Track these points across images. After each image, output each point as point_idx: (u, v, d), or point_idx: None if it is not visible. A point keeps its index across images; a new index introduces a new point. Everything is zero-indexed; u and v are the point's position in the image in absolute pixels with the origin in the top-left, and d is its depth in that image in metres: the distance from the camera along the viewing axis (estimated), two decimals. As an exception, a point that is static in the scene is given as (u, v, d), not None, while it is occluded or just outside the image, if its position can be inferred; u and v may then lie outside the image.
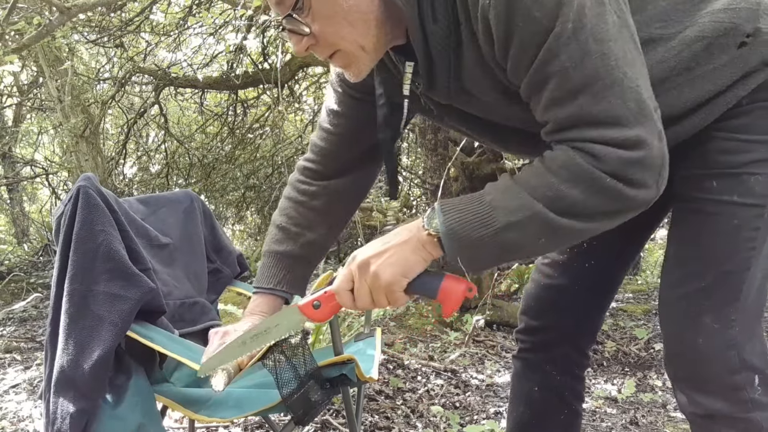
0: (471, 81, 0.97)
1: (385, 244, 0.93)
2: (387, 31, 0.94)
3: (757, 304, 1.04)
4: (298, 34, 0.93)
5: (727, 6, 0.96)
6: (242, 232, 8.32)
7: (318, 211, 1.26)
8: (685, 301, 1.04)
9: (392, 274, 0.91)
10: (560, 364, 1.33)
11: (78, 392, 1.10)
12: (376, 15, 0.91)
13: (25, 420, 2.39)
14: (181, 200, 1.68)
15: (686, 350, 1.04)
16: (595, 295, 1.31)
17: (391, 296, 0.93)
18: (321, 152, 1.25)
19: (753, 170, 0.98)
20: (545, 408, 1.34)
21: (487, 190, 0.90)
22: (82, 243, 1.17)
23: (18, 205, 8.51)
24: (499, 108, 1.01)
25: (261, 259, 1.30)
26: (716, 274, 1.01)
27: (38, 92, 6.89)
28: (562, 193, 0.84)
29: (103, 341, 1.12)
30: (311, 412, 1.17)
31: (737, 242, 1.00)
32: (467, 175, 4.00)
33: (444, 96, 1.02)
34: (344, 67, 0.98)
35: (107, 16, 5.08)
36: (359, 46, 0.93)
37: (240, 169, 6.52)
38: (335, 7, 0.90)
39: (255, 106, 6.20)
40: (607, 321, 4.18)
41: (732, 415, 1.02)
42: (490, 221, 0.87)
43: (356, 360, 1.19)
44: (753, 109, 0.96)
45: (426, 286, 0.94)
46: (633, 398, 2.76)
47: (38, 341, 3.57)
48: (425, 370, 3.00)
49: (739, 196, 0.99)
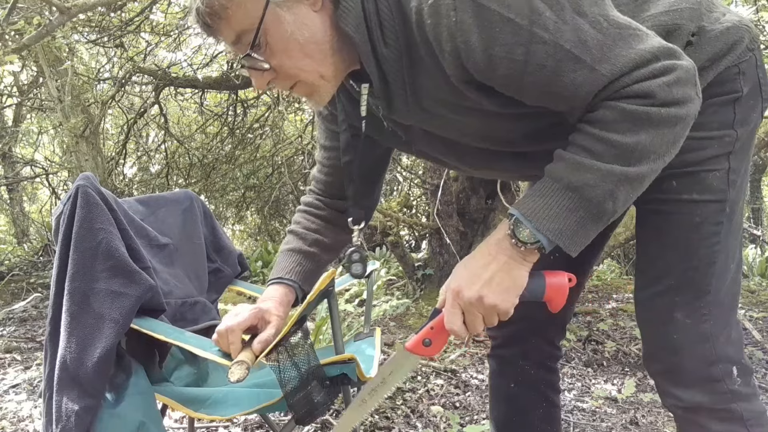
0: (427, 99, 0.99)
1: (486, 270, 0.92)
2: (344, 57, 0.97)
3: (730, 296, 1.06)
4: (258, 70, 0.96)
5: (668, 8, 0.98)
6: (242, 232, 8.32)
7: (324, 219, 1.33)
8: (657, 298, 1.07)
9: (509, 301, 0.92)
10: (532, 357, 1.35)
11: (82, 390, 1.10)
12: (331, 44, 0.94)
13: (25, 420, 2.39)
14: (181, 200, 1.69)
15: (663, 346, 1.07)
16: None
17: (505, 316, 0.94)
18: (320, 182, 1.34)
19: (710, 167, 1.01)
20: (524, 403, 1.37)
21: (556, 176, 0.89)
22: (81, 241, 1.17)
23: (18, 205, 8.51)
24: (460, 123, 1.02)
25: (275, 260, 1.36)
26: (683, 270, 1.04)
27: (38, 92, 6.89)
28: (629, 144, 0.85)
29: (105, 338, 1.12)
30: (314, 412, 1.17)
31: (700, 238, 1.02)
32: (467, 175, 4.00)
33: (404, 116, 1.04)
34: (307, 96, 1.01)
35: (107, 16, 5.08)
36: (319, 75, 0.96)
37: (240, 169, 6.52)
38: (291, 42, 0.92)
39: (255, 106, 6.20)
40: (607, 321, 4.18)
41: (713, 407, 1.04)
42: (581, 204, 0.87)
43: (357, 359, 1.20)
44: (705, 107, 0.96)
45: (532, 292, 0.95)
46: (633, 398, 2.76)
47: (38, 341, 3.57)
48: (425, 370, 3.00)
49: (698, 194, 1.02)
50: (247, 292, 1.79)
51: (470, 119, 1.00)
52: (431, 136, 1.10)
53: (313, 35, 0.93)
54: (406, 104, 1.00)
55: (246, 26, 0.91)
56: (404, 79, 0.97)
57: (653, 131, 0.85)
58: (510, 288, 0.92)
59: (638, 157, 0.86)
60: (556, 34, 0.84)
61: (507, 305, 0.92)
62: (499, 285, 0.91)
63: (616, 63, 0.84)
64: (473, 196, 4.08)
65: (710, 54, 0.99)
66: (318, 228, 1.33)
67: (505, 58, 0.85)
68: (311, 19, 0.92)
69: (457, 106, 0.98)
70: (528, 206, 0.89)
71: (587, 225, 0.89)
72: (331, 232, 1.33)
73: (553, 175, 0.89)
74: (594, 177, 0.86)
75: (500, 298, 0.91)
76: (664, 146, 0.87)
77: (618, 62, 0.84)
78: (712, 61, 0.99)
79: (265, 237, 7.38)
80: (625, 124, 0.85)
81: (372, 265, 1.79)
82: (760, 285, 6.18)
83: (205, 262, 1.69)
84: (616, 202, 0.88)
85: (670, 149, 0.88)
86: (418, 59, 0.94)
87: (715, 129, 1.01)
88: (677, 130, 0.87)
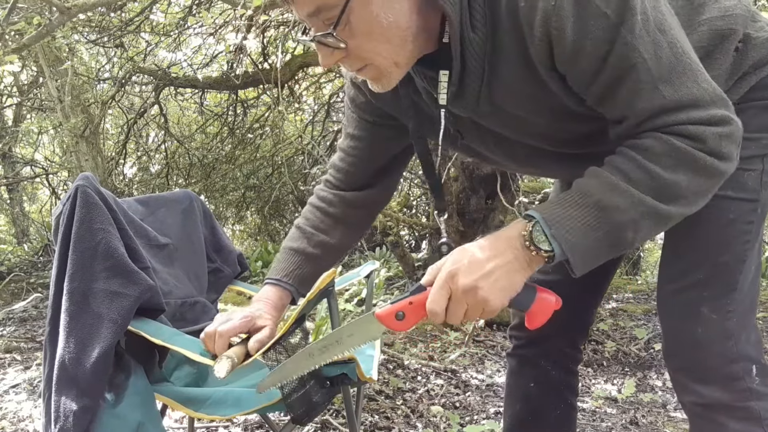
0: (501, 90, 0.96)
1: (489, 262, 0.88)
2: (419, 45, 0.93)
3: (751, 296, 1.07)
4: (329, 47, 0.91)
5: (724, 13, 0.99)
6: (242, 232, 8.32)
7: (334, 217, 1.30)
8: (684, 292, 1.07)
9: (501, 299, 0.89)
10: (554, 358, 1.35)
11: (80, 390, 1.10)
12: (412, 30, 0.91)
13: (25, 420, 2.39)
14: (180, 200, 1.69)
15: (685, 340, 1.07)
16: (587, 291, 1.33)
17: (490, 315, 0.91)
18: (341, 171, 1.29)
19: (746, 166, 1.01)
20: (541, 403, 1.37)
21: (587, 191, 0.88)
22: (80, 241, 1.17)
23: (18, 205, 8.51)
24: (522, 121, 1.01)
25: (277, 255, 1.33)
26: (713, 265, 1.04)
27: (38, 92, 6.89)
28: (668, 180, 0.85)
29: (104, 338, 1.12)
30: (312, 412, 1.17)
31: (733, 235, 1.03)
32: (467, 175, 3.99)
33: (470, 106, 1.01)
34: (373, 80, 0.98)
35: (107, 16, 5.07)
36: (394, 63, 0.93)
37: (240, 169, 6.51)
38: (375, 24, 0.88)
39: (255, 106, 6.20)
40: (607, 321, 4.17)
41: (731, 404, 1.04)
42: (603, 224, 0.86)
43: (357, 360, 1.19)
44: (745, 108, 0.99)
45: (520, 302, 0.92)
46: (633, 398, 2.76)
47: (38, 341, 3.57)
48: (425, 370, 3.00)
49: (734, 191, 1.02)
50: (246, 292, 1.79)
51: (537, 116, 0.99)
52: (484, 130, 1.07)
53: (397, 20, 0.88)
54: (477, 94, 0.98)
55: (332, 1, 0.86)
56: (484, 67, 0.94)
57: (692, 176, 0.86)
58: (506, 288, 0.89)
59: (672, 196, 0.86)
60: (638, 40, 0.84)
61: (497, 304, 0.89)
62: (497, 282, 0.88)
63: (679, 91, 0.85)
64: (473, 196, 4.08)
65: (754, 60, 1.01)
66: (326, 228, 1.29)
67: (591, 53, 0.85)
68: (399, 2, 0.88)
69: (530, 100, 0.96)
70: (551, 212, 0.88)
71: (602, 248, 0.88)
72: (339, 233, 1.30)
73: (584, 189, 0.88)
74: (625, 202, 0.86)
75: (494, 295, 0.88)
76: (697, 195, 0.88)
77: (681, 91, 0.85)
78: (755, 67, 1.01)
79: (265, 237, 7.37)
80: (670, 159, 0.85)
81: (372, 264, 1.79)
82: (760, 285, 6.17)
83: (205, 262, 1.69)
84: (636, 233, 0.87)
85: (698, 200, 0.89)
86: (501, 47, 0.91)
87: (755, 131, 1.02)
88: (712, 182, 0.88)
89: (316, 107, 6.29)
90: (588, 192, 0.88)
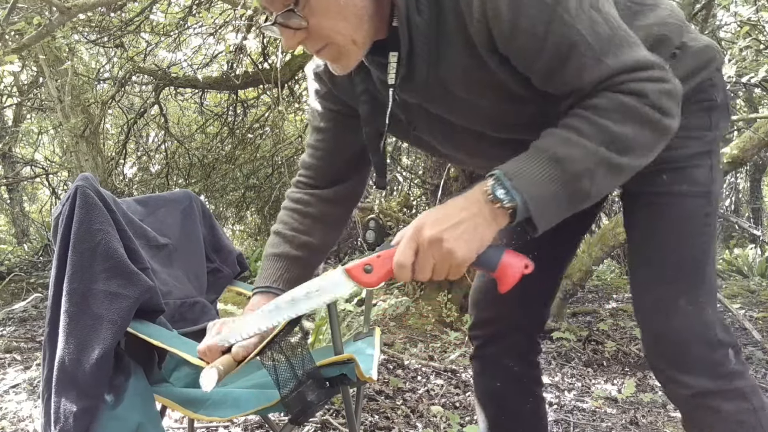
0: (447, 72, 1.00)
1: (455, 216, 0.90)
2: (374, 25, 0.98)
3: (715, 285, 1.14)
4: (291, 29, 0.95)
5: (659, 21, 1.08)
6: (242, 232, 8.32)
7: (312, 217, 1.30)
8: (658, 288, 1.11)
9: (468, 251, 0.90)
10: (515, 353, 1.38)
11: (80, 391, 1.10)
12: (367, 10, 0.95)
13: (25, 420, 2.39)
14: (180, 200, 1.69)
15: (667, 334, 1.11)
16: (541, 282, 1.34)
17: (457, 271, 0.92)
18: (311, 167, 1.30)
19: (696, 162, 1.10)
20: (510, 400, 1.39)
21: (543, 147, 0.92)
22: (80, 242, 1.17)
23: (18, 205, 8.51)
24: (469, 104, 1.04)
25: (261, 264, 1.31)
26: (681, 259, 1.10)
27: (38, 92, 6.89)
28: (618, 133, 0.91)
29: (103, 340, 1.12)
30: (308, 411, 1.17)
31: (695, 227, 1.10)
32: (467, 174, 3.99)
33: (420, 90, 1.05)
34: (333, 60, 1.01)
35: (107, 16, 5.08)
36: (351, 41, 0.97)
37: (240, 169, 6.52)
38: (333, 3, 0.93)
39: (255, 106, 6.20)
40: (607, 321, 4.17)
41: (719, 389, 1.09)
42: (561, 175, 0.90)
43: (356, 360, 1.19)
44: (685, 111, 1.05)
45: (488, 260, 0.92)
46: (633, 398, 2.76)
47: (38, 341, 3.57)
48: (425, 370, 3.00)
49: (688, 186, 1.09)
50: (246, 292, 1.79)
51: (483, 99, 1.03)
52: (433, 118, 1.11)
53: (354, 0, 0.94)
54: (425, 77, 1.01)
55: None
56: (430, 49, 0.98)
57: (639, 128, 0.91)
58: (472, 240, 0.90)
59: (622, 148, 0.91)
60: (576, 18, 0.89)
61: (463, 255, 0.89)
62: (464, 233, 0.89)
63: (621, 59, 0.91)
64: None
65: (692, 66, 1.09)
66: (306, 229, 1.29)
67: (527, 31, 0.89)
68: None
69: (473, 81, 1.00)
70: (511, 167, 0.91)
71: (561, 201, 0.92)
72: (319, 232, 1.29)
73: (540, 146, 0.93)
74: (579, 152, 0.90)
75: (459, 246, 0.89)
76: (644, 148, 0.94)
77: (622, 59, 0.91)
78: (692, 73, 1.09)
79: (265, 237, 7.37)
80: (617, 114, 0.91)
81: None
82: (760, 285, 6.18)
83: (204, 262, 1.69)
84: (593, 182, 0.91)
85: (646, 153, 0.95)
86: (445, 29, 0.96)
87: (696, 129, 1.10)
88: (657, 136, 0.94)
89: (316, 107, 6.27)
90: (544, 148, 0.92)
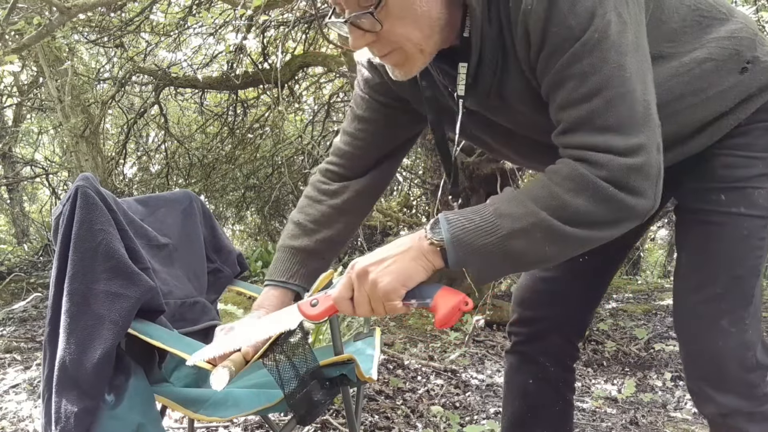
0: (509, 85, 1.00)
1: (386, 252, 0.93)
2: (444, 37, 0.98)
3: (760, 307, 1.12)
4: (362, 30, 0.94)
5: (730, 34, 1.04)
6: (242, 232, 8.32)
7: (336, 209, 1.28)
8: (703, 306, 1.11)
9: (390, 283, 0.91)
10: (553, 355, 1.38)
11: (81, 391, 1.10)
12: (440, 21, 0.95)
13: (25, 420, 2.39)
14: (180, 200, 1.68)
15: (706, 352, 1.11)
16: (587, 289, 1.37)
17: (389, 305, 0.93)
18: (345, 155, 1.28)
19: (756, 184, 1.07)
20: (540, 400, 1.39)
21: (490, 201, 0.92)
22: (81, 242, 1.17)
23: (18, 205, 8.51)
24: (526, 116, 1.04)
25: (275, 253, 1.30)
26: (730, 279, 1.08)
27: (38, 92, 6.89)
28: (566, 202, 0.87)
29: (104, 340, 1.12)
30: (314, 411, 1.17)
31: (747, 250, 1.08)
32: (467, 175, 3.99)
33: (481, 99, 1.05)
34: (397, 66, 1.01)
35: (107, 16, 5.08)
36: (420, 49, 0.96)
37: (240, 169, 6.51)
38: (410, 10, 0.92)
39: (255, 106, 6.20)
40: (607, 321, 4.18)
41: (750, 411, 1.09)
42: (495, 229, 0.89)
43: (356, 360, 1.19)
44: (752, 129, 1.06)
45: (422, 295, 0.94)
46: (633, 398, 2.76)
47: (38, 341, 3.57)
48: (425, 370, 3.00)
49: (746, 208, 1.07)
50: (246, 292, 1.79)
51: (536, 112, 1.02)
52: (492, 123, 1.11)
53: (430, 9, 0.93)
54: (488, 88, 1.02)
55: None
56: (497, 61, 0.98)
57: (592, 203, 0.87)
58: (395, 272, 0.91)
59: (571, 219, 0.88)
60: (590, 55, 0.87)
61: (386, 288, 0.91)
62: (389, 267, 0.91)
63: (607, 111, 0.87)
64: (473, 195, 4.07)
65: (762, 83, 1.06)
66: (328, 221, 1.27)
67: (548, 57, 0.89)
68: None
69: (528, 95, 1.00)
70: (457, 213, 0.93)
71: (493, 253, 0.90)
72: (341, 224, 1.28)
73: (493, 199, 0.93)
74: (519, 211, 0.89)
75: (384, 279, 0.90)
76: (600, 223, 0.89)
77: (609, 111, 0.87)
78: (762, 89, 1.06)
79: (265, 237, 7.37)
80: (572, 183, 0.87)
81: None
82: (760, 285, 6.16)
83: (205, 262, 1.69)
84: (529, 244, 0.89)
85: (606, 229, 0.90)
86: (506, 43, 0.96)
87: (761, 150, 1.07)
88: (618, 214, 0.89)
89: (316, 107, 6.29)
90: (494, 201, 0.92)
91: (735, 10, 1.09)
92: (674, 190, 1.15)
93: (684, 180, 1.12)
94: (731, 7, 1.09)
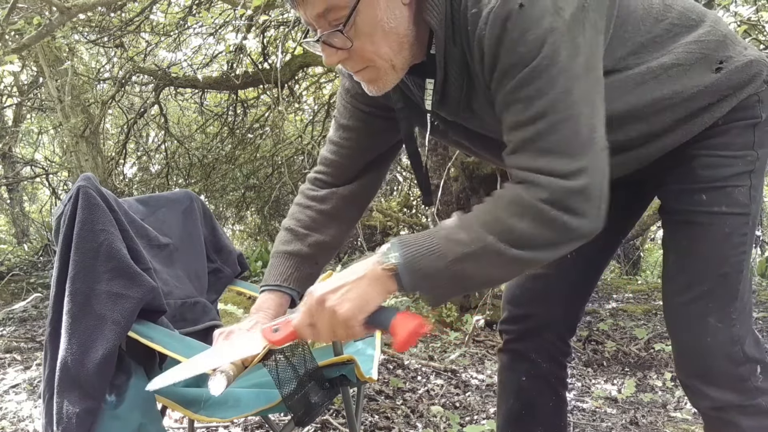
0: (476, 100, 1.04)
1: (341, 280, 0.95)
2: (414, 52, 1.01)
3: (749, 301, 1.15)
4: (333, 47, 0.97)
5: (697, 39, 1.07)
6: (242, 232, 8.33)
7: (326, 214, 1.30)
8: (690, 305, 1.13)
9: (349, 309, 0.93)
10: (545, 351, 1.39)
11: (83, 392, 1.10)
12: (408, 38, 0.98)
13: (25, 420, 2.39)
14: (181, 200, 1.69)
15: (696, 349, 1.14)
16: (578, 286, 1.39)
17: (350, 330, 0.95)
18: (331, 164, 1.30)
19: (736, 183, 1.10)
20: (534, 397, 1.40)
21: (441, 226, 0.96)
22: (83, 242, 1.17)
23: (18, 205, 8.51)
24: (497, 126, 1.06)
25: (270, 260, 1.31)
26: (716, 277, 1.11)
27: (38, 92, 6.90)
28: (512, 226, 0.90)
29: (106, 340, 1.12)
30: (312, 412, 1.17)
31: (731, 247, 1.11)
32: (467, 175, 3.99)
33: (452, 112, 1.09)
34: (370, 82, 1.04)
35: (107, 16, 5.08)
36: (391, 65, 0.99)
37: (240, 169, 6.52)
38: (378, 27, 0.95)
39: (255, 106, 6.20)
40: (607, 321, 4.18)
41: (741, 404, 1.11)
42: (445, 253, 0.92)
43: (356, 360, 1.20)
44: (730, 128, 1.08)
45: (380, 320, 0.95)
46: (633, 398, 2.76)
47: (38, 341, 3.57)
48: (425, 370, 3.00)
49: (727, 207, 1.10)
50: (246, 292, 1.79)
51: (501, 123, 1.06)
52: (469, 130, 1.14)
53: (398, 26, 0.96)
54: (458, 102, 1.05)
55: (341, 2, 0.93)
56: (463, 78, 1.01)
57: (535, 225, 0.89)
58: (354, 300, 0.93)
59: (516, 242, 0.90)
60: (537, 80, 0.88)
61: (345, 314, 0.93)
62: (345, 294, 0.93)
63: (551, 133, 0.89)
64: (473, 196, 4.08)
65: (735, 82, 1.07)
66: (319, 226, 1.29)
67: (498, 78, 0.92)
68: (400, 9, 0.96)
69: (492, 110, 1.01)
70: (409, 238, 0.95)
71: (443, 276, 0.93)
72: (332, 229, 1.30)
73: (443, 223, 0.96)
74: (468, 236, 0.91)
75: (342, 306, 0.93)
76: (545, 245, 0.92)
77: (553, 134, 0.89)
78: (736, 88, 1.08)
79: (265, 237, 7.37)
80: (516, 207, 0.90)
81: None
82: (760, 285, 6.18)
83: (205, 262, 1.69)
84: (478, 267, 0.92)
85: (550, 250, 0.93)
86: (473, 59, 0.98)
87: (739, 149, 1.10)
88: (561, 236, 0.91)
89: (316, 107, 6.29)
90: (444, 225, 0.95)
91: (707, 14, 1.11)
92: (657, 188, 1.19)
93: (666, 181, 1.15)
94: (703, 11, 1.11)
